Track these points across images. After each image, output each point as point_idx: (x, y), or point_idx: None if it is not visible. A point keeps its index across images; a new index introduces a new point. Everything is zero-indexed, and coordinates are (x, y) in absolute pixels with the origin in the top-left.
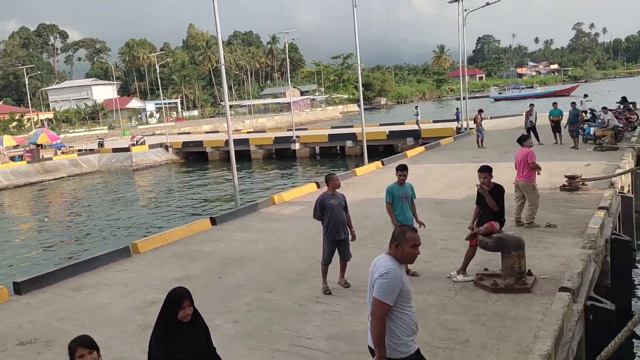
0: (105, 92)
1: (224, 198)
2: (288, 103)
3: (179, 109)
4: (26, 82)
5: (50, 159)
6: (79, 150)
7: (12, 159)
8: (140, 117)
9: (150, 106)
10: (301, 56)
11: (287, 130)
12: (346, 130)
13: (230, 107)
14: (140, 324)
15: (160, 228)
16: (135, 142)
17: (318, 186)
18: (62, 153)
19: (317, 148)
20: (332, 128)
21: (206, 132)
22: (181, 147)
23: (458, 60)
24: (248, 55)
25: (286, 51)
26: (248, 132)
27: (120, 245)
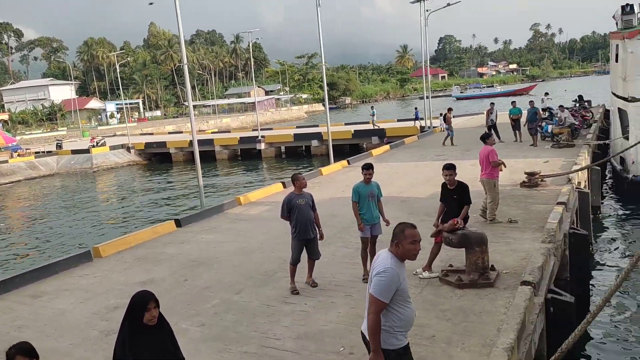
0: (63, 93)
1: (189, 199)
2: (253, 103)
3: (141, 110)
4: None
5: (5, 162)
6: (36, 152)
7: None
8: (100, 118)
9: (110, 106)
10: (265, 56)
11: (253, 130)
12: (312, 129)
13: (194, 107)
14: (102, 330)
15: (123, 231)
16: (95, 144)
17: (284, 186)
18: (19, 155)
19: (283, 148)
20: (298, 128)
21: (169, 133)
22: (144, 148)
23: (421, 59)
24: (211, 54)
25: (250, 50)
26: (213, 133)
27: (81, 249)
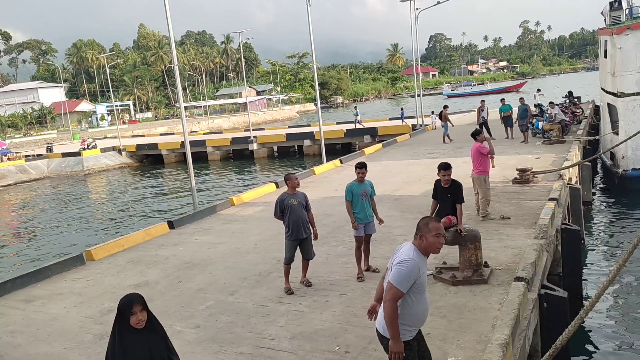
0: (52, 95)
1: (182, 201)
2: (244, 103)
3: (132, 111)
4: None
5: None
6: (27, 155)
7: None
8: (90, 120)
9: (101, 109)
10: (256, 56)
11: (245, 130)
12: (304, 129)
13: (185, 109)
14: (96, 334)
15: (116, 234)
16: (86, 146)
17: (277, 186)
18: (9, 159)
19: (275, 148)
20: (290, 127)
21: (161, 135)
22: (135, 150)
23: (411, 58)
24: (202, 55)
25: (241, 51)
26: (204, 134)
27: (73, 253)
